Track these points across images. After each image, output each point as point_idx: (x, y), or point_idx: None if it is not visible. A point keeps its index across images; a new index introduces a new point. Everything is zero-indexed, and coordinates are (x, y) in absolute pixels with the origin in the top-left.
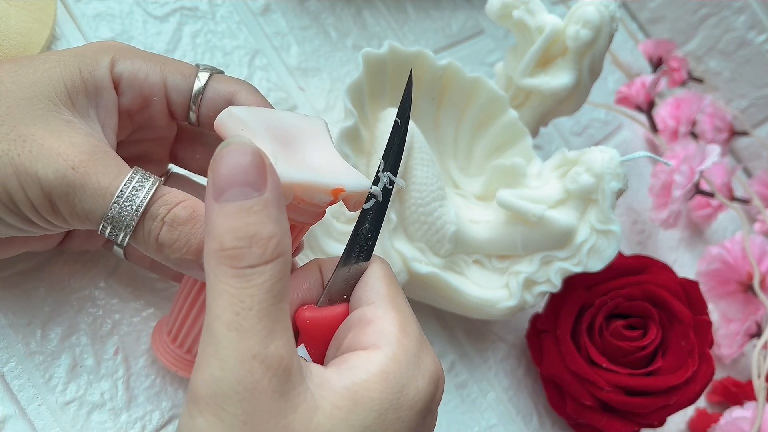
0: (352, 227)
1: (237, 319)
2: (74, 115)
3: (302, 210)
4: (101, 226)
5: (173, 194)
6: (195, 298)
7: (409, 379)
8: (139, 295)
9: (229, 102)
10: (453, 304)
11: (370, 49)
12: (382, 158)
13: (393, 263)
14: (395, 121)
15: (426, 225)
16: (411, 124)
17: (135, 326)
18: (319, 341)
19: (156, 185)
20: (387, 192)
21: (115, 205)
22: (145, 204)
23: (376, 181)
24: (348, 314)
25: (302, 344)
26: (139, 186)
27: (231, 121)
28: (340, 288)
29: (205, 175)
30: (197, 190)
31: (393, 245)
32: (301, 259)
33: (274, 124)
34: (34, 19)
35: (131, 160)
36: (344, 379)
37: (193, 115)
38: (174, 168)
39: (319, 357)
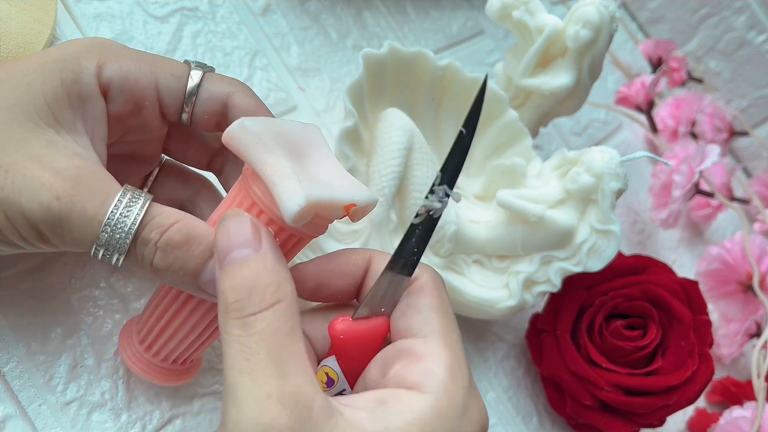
0: (352, 227)
1: (247, 365)
2: (58, 133)
3: (313, 224)
4: (93, 251)
5: (165, 215)
6: (170, 302)
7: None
8: (139, 295)
9: (224, 104)
10: (453, 304)
11: (370, 49)
12: (440, 171)
13: None
14: (460, 131)
15: None
16: (411, 123)
17: None
18: (354, 357)
19: (146, 206)
20: (441, 206)
21: (104, 233)
22: (135, 229)
23: (431, 193)
24: (387, 330)
25: (333, 356)
26: (128, 211)
27: (244, 135)
28: (378, 301)
29: (198, 167)
30: (190, 180)
31: (393, 245)
32: (300, 258)
33: (281, 135)
34: (34, 20)
35: (122, 158)
36: (377, 424)
37: (185, 116)
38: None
39: (354, 372)
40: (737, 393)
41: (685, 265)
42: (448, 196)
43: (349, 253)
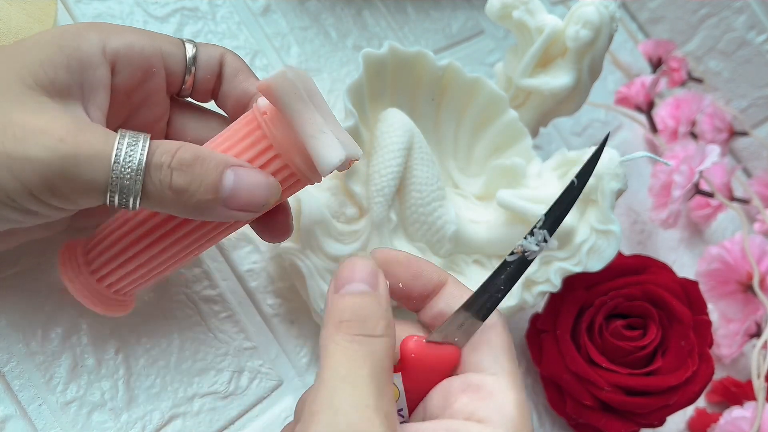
0: (352, 227)
1: (351, 375)
2: (51, 98)
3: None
4: (108, 196)
5: (168, 142)
6: (132, 228)
7: None
8: (139, 295)
9: (221, 63)
10: None
11: (370, 49)
12: (545, 215)
13: None
14: (572, 181)
15: (426, 225)
16: (411, 123)
17: (135, 327)
18: (420, 379)
19: (148, 140)
20: (538, 250)
21: (116, 167)
22: (145, 157)
23: (531, 235)
24: (458, 360)
25: (398, 373)
26: (133, 143)
27: (285, 84)
28: (453, 330)
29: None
30: (206, 117)
31: (393, 245)
32: (300, 259)
33: (306, 88)
34: (34, 20)
35: None
36: None
37: (188, 79)
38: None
39: (415, 394)
40: (737, 393)
41: (685, 265)
42: (546, 241)
43: (426, 263)
